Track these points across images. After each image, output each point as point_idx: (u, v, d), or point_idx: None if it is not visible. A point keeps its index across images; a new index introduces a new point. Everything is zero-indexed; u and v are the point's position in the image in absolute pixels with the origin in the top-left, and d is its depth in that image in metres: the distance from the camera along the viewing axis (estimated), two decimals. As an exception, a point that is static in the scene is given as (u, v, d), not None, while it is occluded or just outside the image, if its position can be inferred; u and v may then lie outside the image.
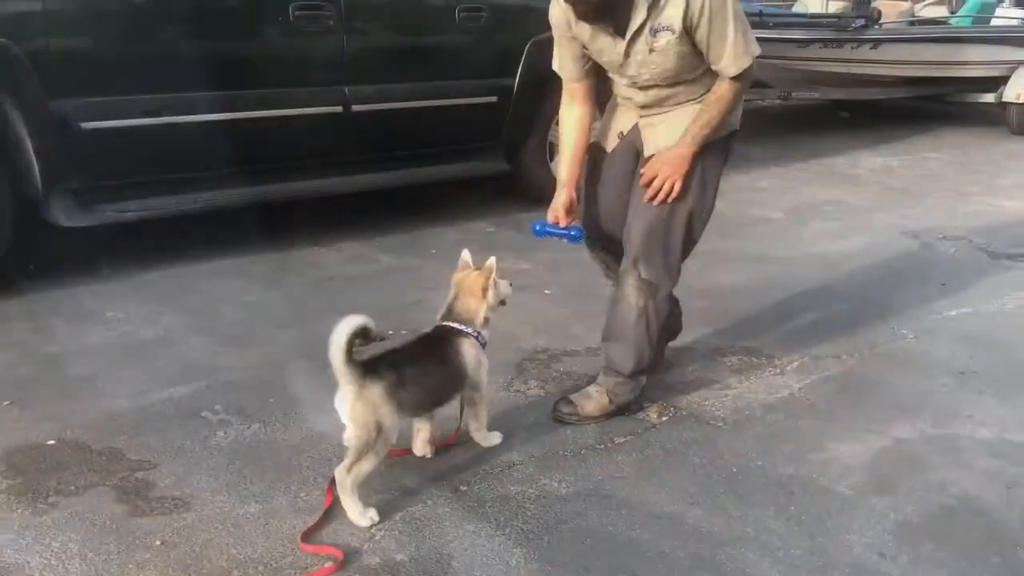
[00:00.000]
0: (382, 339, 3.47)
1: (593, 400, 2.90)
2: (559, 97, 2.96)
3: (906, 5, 9.31)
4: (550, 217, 2.85)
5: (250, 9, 4.28)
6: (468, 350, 2.53)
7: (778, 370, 3.33)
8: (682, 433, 2.84)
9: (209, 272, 4.19)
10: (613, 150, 2.93)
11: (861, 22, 7.75)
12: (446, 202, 5.40)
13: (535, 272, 4.32)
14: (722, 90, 2.70)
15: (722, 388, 3.17)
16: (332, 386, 2.29)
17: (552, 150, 5.40)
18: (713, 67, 2.67)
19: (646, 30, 2.60)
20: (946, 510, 2.48)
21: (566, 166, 2.88)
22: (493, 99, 5.02)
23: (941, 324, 3.84)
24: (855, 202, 5.90)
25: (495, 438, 2.70)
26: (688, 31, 2.58)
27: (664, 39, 2.59)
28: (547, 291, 4.08)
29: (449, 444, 2.67)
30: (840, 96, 8.88)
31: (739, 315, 3.85)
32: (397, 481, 2.51)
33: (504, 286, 2.62)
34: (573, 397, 2.92)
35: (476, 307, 2.55)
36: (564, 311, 3.85)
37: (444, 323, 2.57)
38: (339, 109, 4.44)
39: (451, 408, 2.64)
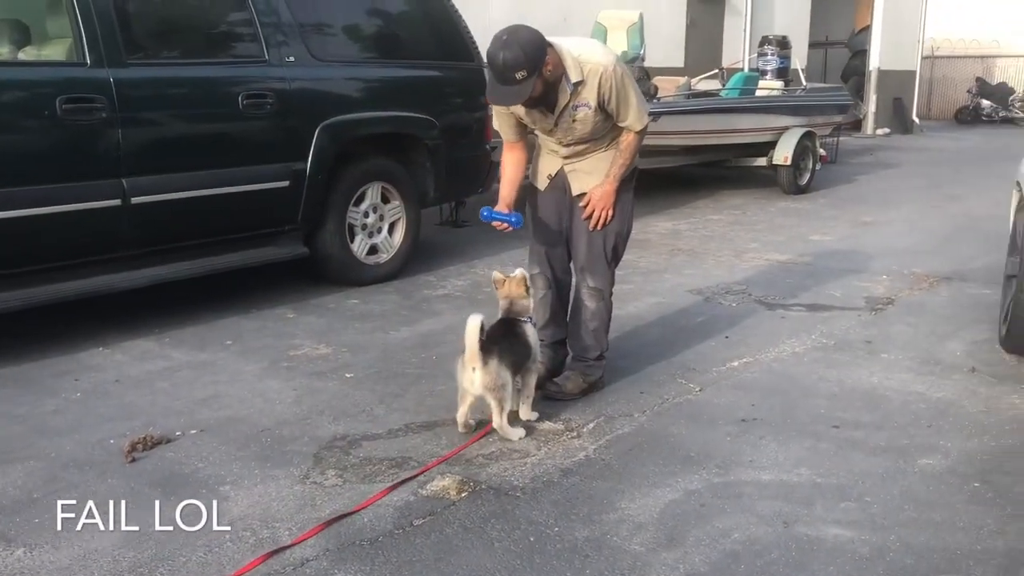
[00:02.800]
0: (168, 441, 3.31)
1: (571, 381, 3.75)
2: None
3: (682, 80, 10.02)
4: (497, 207, 3.61)
5: (10, 102, 4.04)
6: (531, 331, 3.48)
7: (575, 433, 3.42)
8: (481, 508, 2.84)
9: (-21, 383, 3.85)
10: (545, 188, 3.77)
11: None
12: (242, 290, 5.24)
13: (335, 356, 4.25)
14: (629, 139, 3.62)
15: (522, 457, 3.21)
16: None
17: (352, 231, 5.41)
18: (621, 124, 3.58)
19: (569, 107, 3.49)
20: (730, 556, 2.60)
21: (506, 191, 3.66)
22: (285, 184, 4.96)
23: (725, 375, 4.08)
24: (645, 265, 6.22)
25: (534, 415, 3.50)
26: (601, 105, 3.49)
27: (583, 112, 3.51)
28: (348, 374, 4.02)
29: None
30: None
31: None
32: (181, 593, 2.36)
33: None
34: (557, 379, 3.75)
35: (526, 303, 3.49)
36: (365, 393, 3.80)
37: (508, 317, 3.46)
38: (117, 202, 4.25)
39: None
